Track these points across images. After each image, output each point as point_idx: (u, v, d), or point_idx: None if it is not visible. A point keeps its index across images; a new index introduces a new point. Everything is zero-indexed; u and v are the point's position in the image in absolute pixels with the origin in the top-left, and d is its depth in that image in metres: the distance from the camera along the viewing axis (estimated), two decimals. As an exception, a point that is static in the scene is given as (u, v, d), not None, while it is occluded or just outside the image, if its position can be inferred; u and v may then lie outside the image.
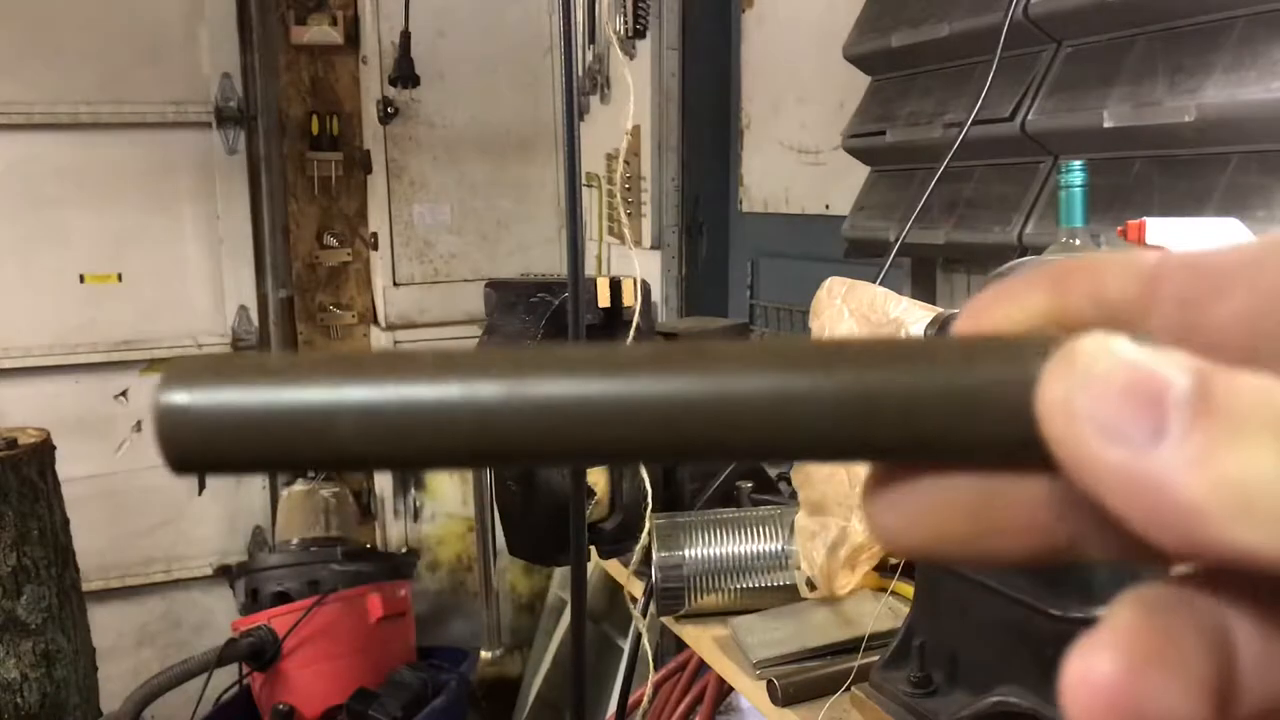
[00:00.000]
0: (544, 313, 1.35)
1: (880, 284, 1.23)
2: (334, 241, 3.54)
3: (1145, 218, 1.06)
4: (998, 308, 0.21)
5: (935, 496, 0.20)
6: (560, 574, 3.24)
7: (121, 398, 3.44)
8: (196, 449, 0.19)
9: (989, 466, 0.19)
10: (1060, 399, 0.18)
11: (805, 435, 0.19)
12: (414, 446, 0.19)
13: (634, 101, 2.62)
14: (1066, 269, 0.20)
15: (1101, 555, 0.19)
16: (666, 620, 1.24)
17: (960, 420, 0.19)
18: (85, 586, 2.59)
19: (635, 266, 1.39)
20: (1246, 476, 0.16)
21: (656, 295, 2.87)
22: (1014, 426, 0.18)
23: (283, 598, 2.83)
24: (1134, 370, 0.17)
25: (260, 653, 2.71)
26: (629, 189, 2.93)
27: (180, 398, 0.19)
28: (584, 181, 2.76)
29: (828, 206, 2.37)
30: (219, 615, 3.45)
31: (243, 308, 3.50)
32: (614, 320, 1.37)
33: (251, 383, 0.19)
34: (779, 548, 1.19)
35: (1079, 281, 0.20)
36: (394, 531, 3.55)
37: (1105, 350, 0.18)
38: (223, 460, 0.19)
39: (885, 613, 1.08)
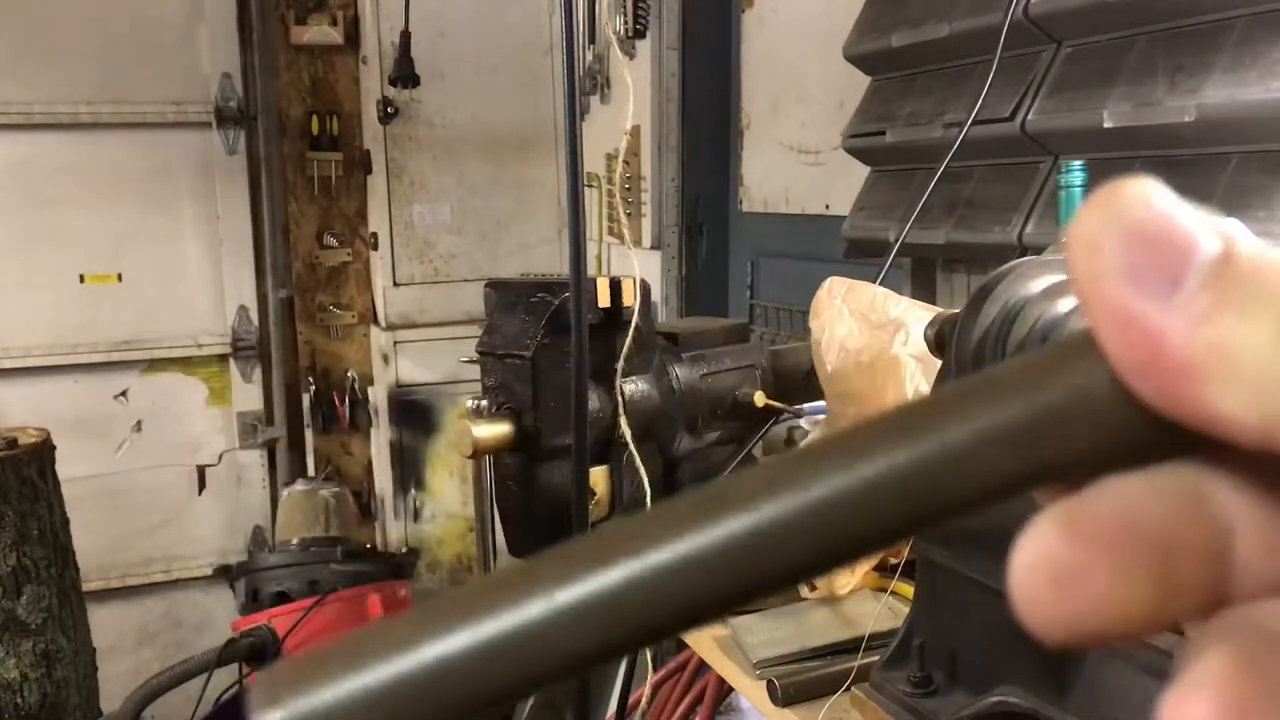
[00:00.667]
0: (544, 313, 1.35)
1: (880, 284, 1.23)
2: (334, 241, 3.55)
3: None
4: None
5: (1120, 566, 0.18)
6: (560, 574, 3.23)
7: (121, 398, 3.44)
8: None
9: (1109, 463, 0.18)
10: (1091, 233, 0.18)
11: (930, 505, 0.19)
12: (532, 669, 0.19)
13: (634, 101, 2.62)
14: None
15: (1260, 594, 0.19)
16: (666, 620, 1.24)
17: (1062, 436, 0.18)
18: (85, 586, 2.59)
19: (635, 266, 1.39)
20: (1241, 344, 0.17)
21: (656, 295, 2.87)
22: (1119, 418, 0.18)
23: (283, 598, 2.83)
24: (1167, 223, 0.18)
25: (260, 653, 2.70)
26: (629, 189, 2.93)
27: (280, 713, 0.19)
28: (584, 181, 2.76)
29: (828, 206, 2.37)
30: (219, 615, 3.45)
31: (243, 308, 3.50)
32: (614, 320, 1.37)
33: (344, 674, 0.19)
34: (779, 548, 1.18)
35: None
36: (394, 531, 3.55)
37: (1146, 198, 0.18)
38: None
39: (885, 613, 1.08)
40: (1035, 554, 0.18)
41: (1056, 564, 0.18)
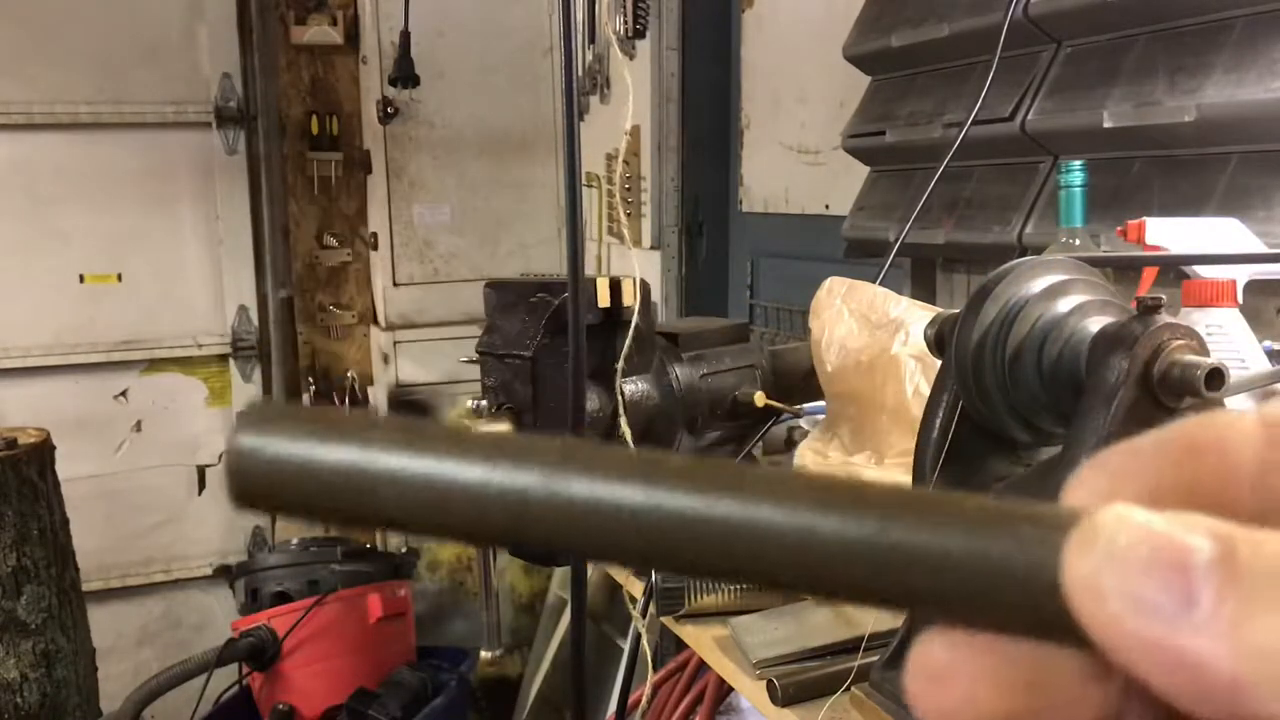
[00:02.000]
0: (544, 313, 1.35)
1: (880, 284, 1.23)
2: (334, 241, 3.54)
3: (1145, 218, 1.06)
4: (1125, 481, 0.19)
5: (990, 670, 0.19)
6: (560, 574, 3.24)
7: (121, 398, 3.43)
8: (257, 491, 0.21)
9: (1019, 636, 0.19)
10: (1087, 576, 0.18)
11: (826, 574, 0.19)
12: (447, 522, 0.20)
13: (634, 101, 2.62)
14: (1195, 446, 0.19)
15: None
16: (666, 620, 1.24)
17: (983, 588, 0.18)
18: (85, 586, 2.59)
19: (635, 266, 1.39)
20: (1277, 646, 0.16)
21: (656, 295, 2.87)
22: (1041, 601, 0.18)
23: (283, 598, 2.83)
24: (1156, 539, 0.17)
25: (260, 653, 2.70)
26: (629, 189, 2.93)
27: (250, 442, 0.21)
28: (584, 181, 2.76)
29: (828, 206, 2.37)
30: (219, 615, 3.45)
31: (243, 308, 3.50)
32: (613, 320, 1.37)
33: (313, 439, 0.20)
34: (779, 548, 1.18)
35: (1207, 461, 0.19)
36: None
37: (1125, 522, 0.18)
38: (280, 505, 0.21)
39: (885, 612, 1.07)
40: (920, 653, 0.20)
41: (933, 663, 0.19)
